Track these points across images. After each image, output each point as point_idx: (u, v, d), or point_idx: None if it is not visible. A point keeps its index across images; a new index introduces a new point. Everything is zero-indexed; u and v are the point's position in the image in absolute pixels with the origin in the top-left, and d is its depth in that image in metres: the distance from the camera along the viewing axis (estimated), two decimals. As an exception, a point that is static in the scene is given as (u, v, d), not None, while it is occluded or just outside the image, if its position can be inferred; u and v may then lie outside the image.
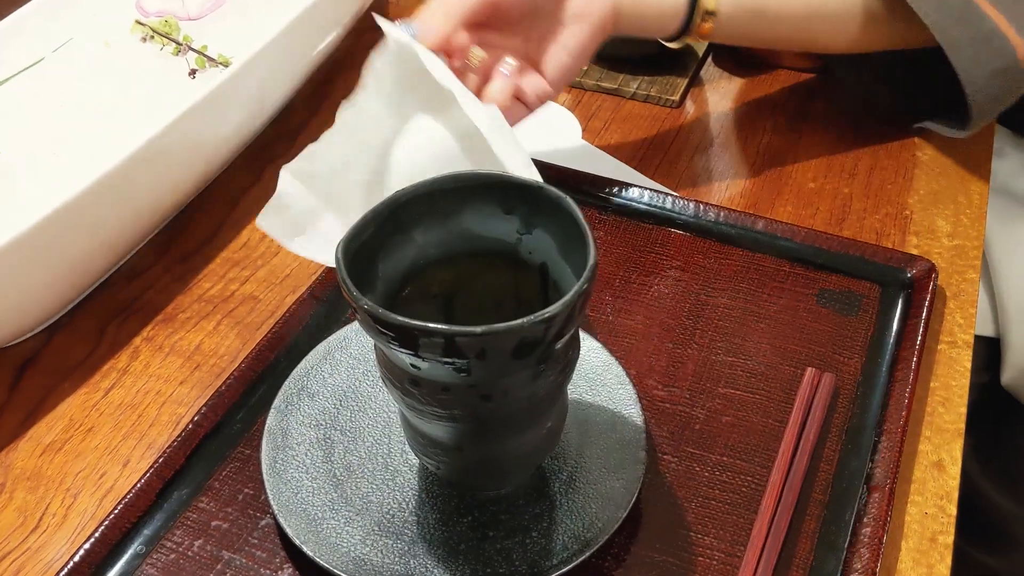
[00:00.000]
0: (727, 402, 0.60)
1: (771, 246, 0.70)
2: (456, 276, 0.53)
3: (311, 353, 0.60)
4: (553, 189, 0.49)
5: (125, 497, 0.54)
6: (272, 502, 0.52)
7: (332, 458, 0.55)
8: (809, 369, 0.61)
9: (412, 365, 0.44)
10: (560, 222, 0.49)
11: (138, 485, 0.55)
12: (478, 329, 0.42)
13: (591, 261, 0.45)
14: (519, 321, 0.42)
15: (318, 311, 0.66)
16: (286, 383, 0.59)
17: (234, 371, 0.61)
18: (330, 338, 0.62)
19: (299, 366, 0.60)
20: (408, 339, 0.42)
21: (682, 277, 0.69)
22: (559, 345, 0.45)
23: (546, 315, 0.42)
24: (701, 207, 0.73)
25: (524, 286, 0.53)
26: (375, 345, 0.48)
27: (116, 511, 0.53)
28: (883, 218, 0.75)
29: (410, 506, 0.53)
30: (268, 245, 0.73)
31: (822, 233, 0.70)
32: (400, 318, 0.42)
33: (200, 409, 0.58)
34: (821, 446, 0.58)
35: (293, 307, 0.65)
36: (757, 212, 0.75)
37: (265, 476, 0.53)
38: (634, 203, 0.74)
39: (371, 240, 0.49)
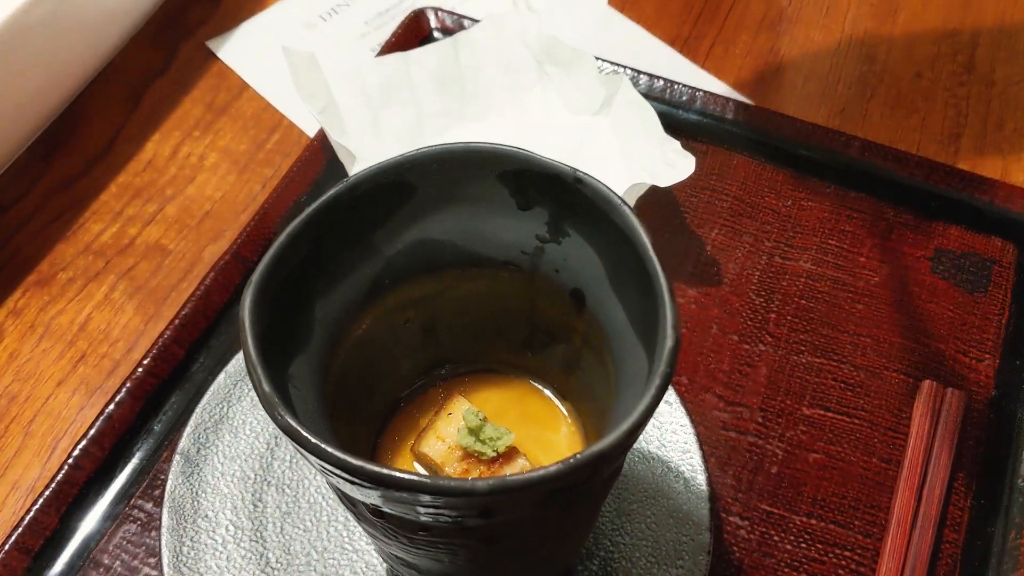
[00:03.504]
0: (815, 429, 0.44)
1: (869, 181, 0.52)
2: (440, 294, 0.35)
3: (232, 362, 0.43)
4: (598, 183, 0.30)
5: (-30, 588, 0.38)
6: (175, 617, 0.36)
7: (264, 534, 0.39)
8: (927, 382, 0.44)
9: (377, 502, 0.27)
10: (608, 235, 0.31)
11: (-9, 564, 0.39)
12: (482, 484, 0.24)
13: (669, 343, 0.27)
14: (551, 469, 0.25)
15: (244, 285, 0.47)
16: (198, 410, 0.41)
17: (129, 378, 0.43)
18: (262, 335, 0.44)
19: (216, 382, 0.42)
20: (370, 485, 0.25)
21: (749, 228, 0.50)
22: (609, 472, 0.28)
23: (595, 452, 0.25)
24: (774, 118, 0.53)
25: (544, 305, 0.35)
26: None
27: (-43, 611, 0.38)
28: (1010, 135, 0.56)
29: (376, 614, 0.37)
30: (183, 164, 0.53)
31: (938, 165, 0.51)
32: (350, 460, 0.25)
33: (79, 442, 0.41)
34: (945, 503, 0.42)
35: (211, 275, 0.46)
36: (844, 122, 0.56)
37: (167, 571, 0.37)
38: (681, 111, 0.54)
39: (304, 265, 0.30)
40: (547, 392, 0.38)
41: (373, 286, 0.33)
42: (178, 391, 0.44)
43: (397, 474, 0.24)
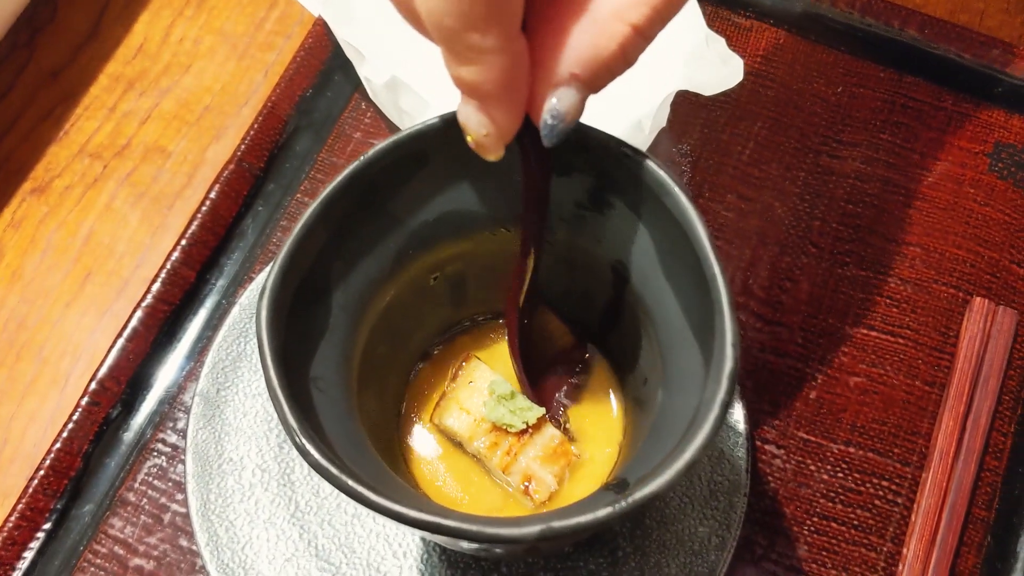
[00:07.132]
0: (858, 350, 0.42)
1: (928, 62, 0.47)
2: (468, 253, 0.32)
3: (246, 293, 0.40)
4: (649, 160, 0.27)
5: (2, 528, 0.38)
6: (211, 569, 0.36)
7: (292, 476, 0.38)
8: (978, 300, 0.42)
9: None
10: (659, 217, 0.28)
11: (19, 506, 0.38)
12: (529, 532, 0.23)
13: (728, 365, 0.24)
14: (600, 515, 0.23)
15: (253, 196, 0.44)
16: (213, 348, 0.39)
17: (139, 306, 0.41)
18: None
19: (230, 317, 0.40)
20: (414, 528, 0.24)
21: (795, 121, 0.46)
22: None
23: (648, 494, 0.23)
24: (825, -10, 0.48)
25: (581, 270, 0.33)
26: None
27: (-10, 555, 0.38)
28: (1088, -3, 0.51)
29: (412, 560, 0.37)
30: (176, 49, 0.49)
31: (1005, 45, 0.47)
32: (391, 506, 0.23)
33: (94, 375, 0.40)
34: (989, 432, 0.41)
35: (216, 187, 0.43)
36: (902, -13, 0.51)
37: (195, 525, 0.37)
38: (723, -20, 0.49)
39: (321, 256, 0.28)
40: (577, 337, 0.36)
41: (397, 259, 0.30)
42: (192, 317, 0.42)
43: (445, 522, 0.23)
